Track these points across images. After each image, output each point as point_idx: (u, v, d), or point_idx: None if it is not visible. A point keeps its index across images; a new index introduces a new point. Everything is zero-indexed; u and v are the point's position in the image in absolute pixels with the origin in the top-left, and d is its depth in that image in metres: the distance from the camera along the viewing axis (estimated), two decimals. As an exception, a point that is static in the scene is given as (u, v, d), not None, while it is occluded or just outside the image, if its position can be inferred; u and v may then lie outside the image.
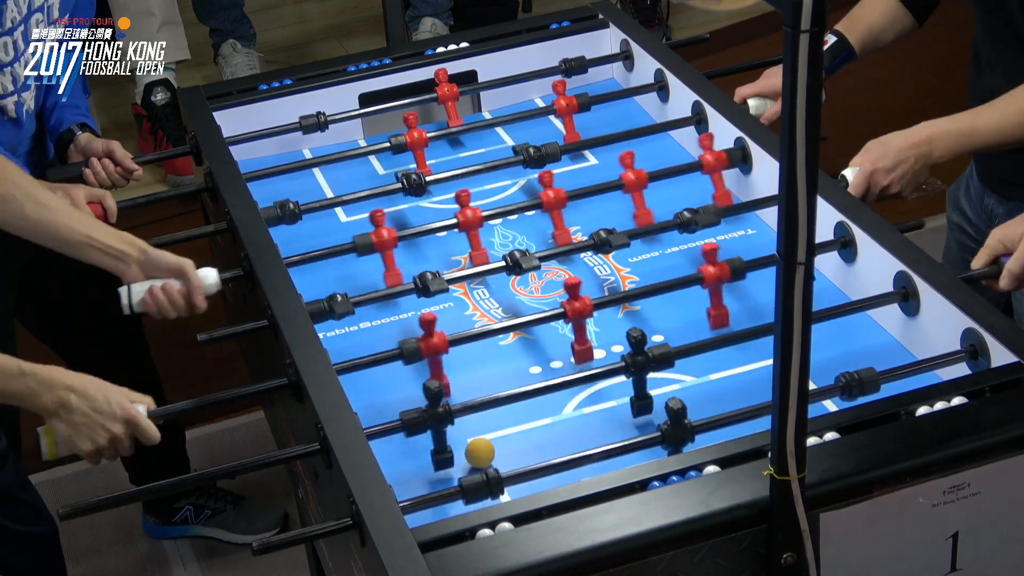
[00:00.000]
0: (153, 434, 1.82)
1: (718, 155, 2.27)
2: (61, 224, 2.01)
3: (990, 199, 2.35)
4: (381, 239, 2.12)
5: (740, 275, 1.98)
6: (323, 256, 2.15)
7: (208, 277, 2.03)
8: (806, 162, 1.25)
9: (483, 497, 1.62)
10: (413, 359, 1.86)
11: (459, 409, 1.75)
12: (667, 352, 1.80)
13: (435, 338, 1.86)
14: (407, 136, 2.45)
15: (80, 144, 2.45)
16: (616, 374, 1.83)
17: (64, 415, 1.79)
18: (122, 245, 2.00)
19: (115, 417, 1.79)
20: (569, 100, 2.52)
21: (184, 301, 2.01)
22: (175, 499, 3.15)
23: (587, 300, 1.92)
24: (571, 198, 2.22)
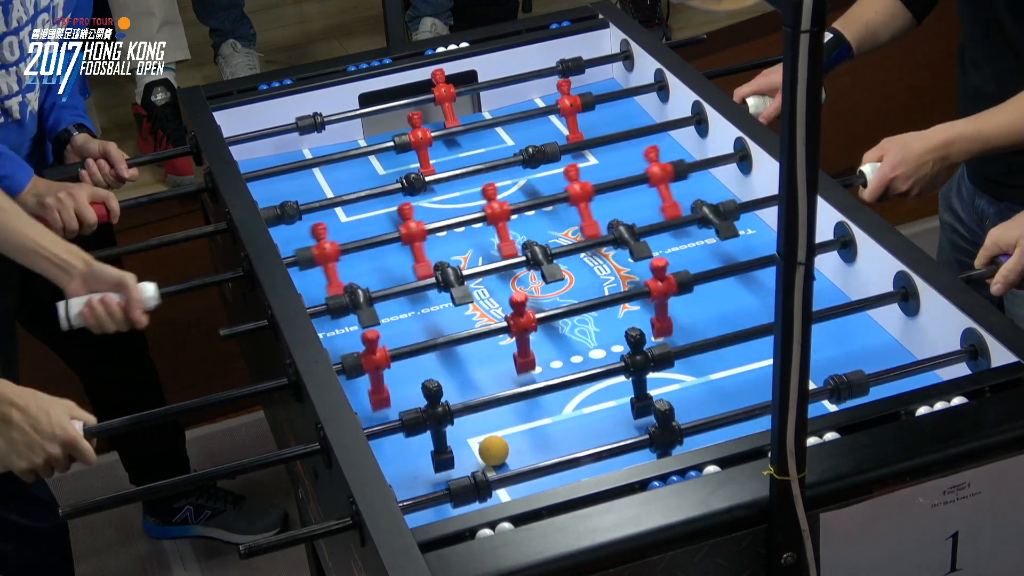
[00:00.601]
0: (90, 457, 1.78)
1: (664, 167, 2.26)
2: (12, 227, 2.01)
3: (981, 200, 2.35)
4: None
5: (687, 288, 1.96)
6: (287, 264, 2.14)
7: (147, 290, 2.01)
8: (806, 162, 1.25)
9: (471, 500, 1.61)
10: (354, 374, 1.85)
11: (459, 409, 1.75)
12: (667, 352, 1.80)
13: (377, 354, 1.84)
14: (411, 136, 2.45)
15: (76, 145, 2.45)
16: (616, 374, 1.83)
17: (3, 430, 1.76)
18: (68, 256, 2.00)
19: (54, 438, 1.75)
20: (573, 100, 2.52)
21: (123, 314, 1.99)
22: (175, 499, 3.15)
23: (531, 315, 1.90)
24: (599, 191, 2.22)
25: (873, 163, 2.15)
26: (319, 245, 2.11)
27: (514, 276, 2.18)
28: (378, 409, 1.86)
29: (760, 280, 2.10)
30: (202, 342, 3.27)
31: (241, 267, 2.11)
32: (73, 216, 2.26)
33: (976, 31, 2.24)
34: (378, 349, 1.83)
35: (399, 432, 1.74)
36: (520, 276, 2.18)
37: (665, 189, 2.25)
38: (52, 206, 2.25)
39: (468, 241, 2.28)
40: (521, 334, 1.90)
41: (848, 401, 1.72)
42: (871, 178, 2.14)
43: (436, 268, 2.04)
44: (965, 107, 2.30)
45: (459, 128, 2.58)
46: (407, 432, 1.73)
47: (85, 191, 2.31)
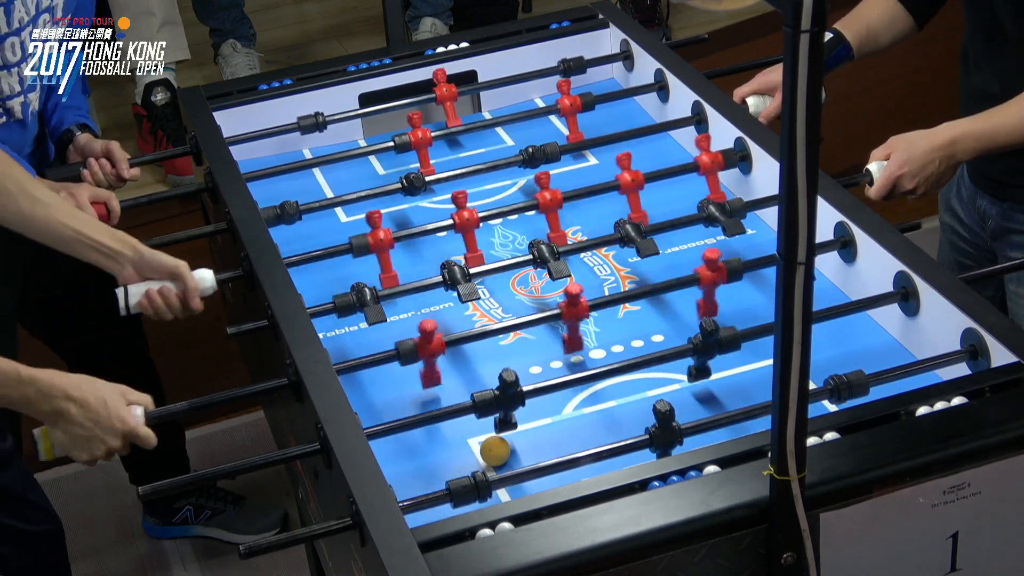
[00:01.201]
0: (151, 442, 1.81)
1: (714, 156, 2.27)
2: (55, 220, 2.00)
3: (982, 200, 2.35)
4: (378, 240, 2.11)
5: (737, 276, 1.98)
6: (323, 256, 2.15)
7: (204, 279, 2.03)
8: (806, 162, 1.25)
9: (471, 500, 1.61)
10: (409, 360, 1.86)
11: (458, 410, 1.75)
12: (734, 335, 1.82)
13: (433, 342, 1.85)
14: (411, 135, 2.45)
15: (79, 144, 2.45)
16: (615, 374, 1.83)
17: (63, 425, 1.78)
18: (115, 244, 1.99)
19: (115, 432, 1.78)
20: (573, 100, 2.52)
21: (180, 304, 2.01)
22: (175, 499, 3.15)
23: (584, 302, 1.91)
24: (567, 199, 2.22)
25: (880, 161, 2.15)
26: (374, 232, 2.11)
27: (514, 276, 2.18)
28: (429, 387, 1.88)
29: (760, 280, 2.10)
30: (202, 342, 3.28)
31: (241, 267, 2.11)
32: None
33: (978, 32, 2.25)
34: (435, 336, 1.84)
35: (400, 432, 1.74)
36: (520, 276, 2.18)
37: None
38: None
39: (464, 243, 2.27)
40: (573, 322, 1.92)
41: (848, 401, 1.72)
42: (877, 176, 2.14)
43: (442, 266, 2.04)
44: (966, 107, 2.30)
45: (460, 128, 2.58)
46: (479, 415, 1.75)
47: (86, 191, 2.31)
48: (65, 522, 2.69)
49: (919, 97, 4.12)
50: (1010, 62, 2.19)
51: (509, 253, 2.25)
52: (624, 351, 1.99)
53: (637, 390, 1.89)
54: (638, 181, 2.23)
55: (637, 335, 2.01)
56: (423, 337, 1.84)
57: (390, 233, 2.13)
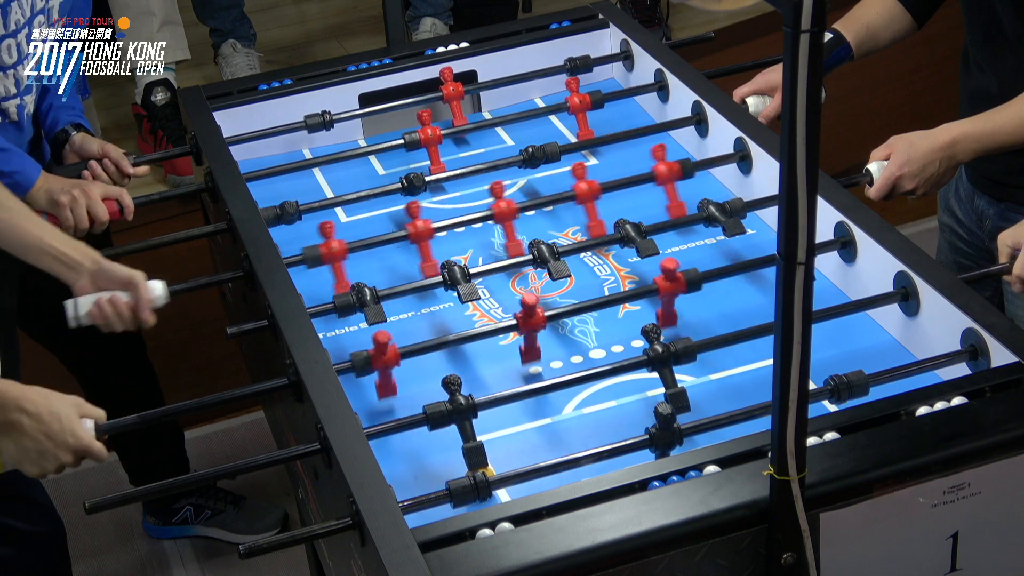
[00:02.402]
0: (102, 456, 1.78)
1: (671, 166, 2.26)
2: (17, 226, 2.00)
3: (980, 200, 2.35)
4: (331, 251, 2.10)
5: (696, 287, 1.96)
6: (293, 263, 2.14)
7: (155, 289, 2.00)
8: (806, 162, 1.25)
9: (471, 500, 1.61)
10: (364, 372, 1.84)
11: (459, 409, 1.75)
12: (689, 346, 1.80)
13: (388, 353, 1.84)
14: (421, 133, 2.45)
15: (75, 145, 2.44)
16: (615, 374, 1.83)
17: (15, 437, 1.74)
18: (76, 254, 1.99)
19: (67, 447, 1.74)
20: (583, 97, 2.52)
21: (131, 314, 1.99)
22: (175, 499, 3.15)
23: (541, 312, 1.90)
24: (605, 190, 2.22)
25: (880, 161, 2.15)
26: (327, 243, 2.11)
27: (515, 276, 2.18)
28: (384, 397, 1.87)
29: (761, 279, 2.10)
30: (202, 342, 3.29)
31: (241, 267, 2.11)
32: (85, 214, 2.25)
33: (977, 32, 2.25)
34: (388, 348, 1.83)
35: (399, 432, 1.74)
36: (520, 276, 2.18)
37: (672, 188, 2.25)
38: (65, 203, 2.25)
39: (469, 241, 2.28)
40: (530, 332, 1.91)
41: (848, 401, 1.72)
42: (877, 176, 2.14)
43: (443, 266, 2.04)
44: (966, 108, 2.30)
45: (468, 126, 2.58)
46: (431, 426, 1.73)
47: (98, 188, 2.31)
48: (66, 522, 2.69)
49: (919, 97, 4.12)
50: (1010, 62, 2.19)
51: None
52: (624, 351, 1.99)
53: (637, 390, 1.89)
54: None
55: (637, 335, 2.00)
56: (377, 348, 1.83)
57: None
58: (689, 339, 1.81)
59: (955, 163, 2.13)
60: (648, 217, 2.16)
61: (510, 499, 1.63)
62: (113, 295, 1.98)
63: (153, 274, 2.04)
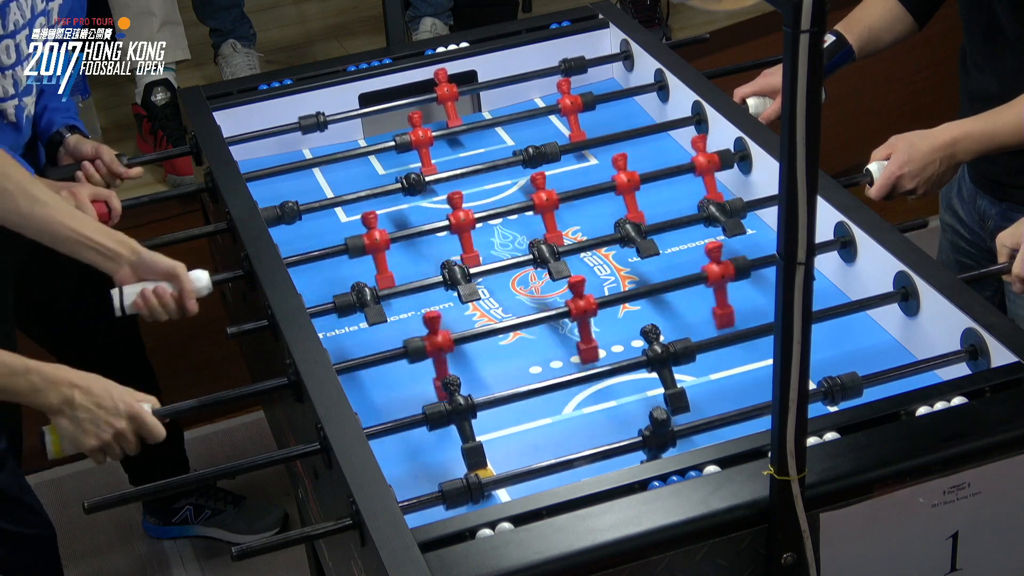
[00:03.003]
0: (158, 431, 1.82)
1: (711, 157, 2.27)
2: (53, 220, 2.00)
3: (982, 200, 2.35)
4: (374, 241, 2.11)
5: (745, 273, 1.98)
6: (323, 256, 2.15)
7: (200, 280, 2.02)
8: (806, 162, 1.25)
9: (464, 502, 1.61)
10: (417, 358, 1.86)
11: (459, 409, 1.75)
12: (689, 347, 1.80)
13: (439, 336, 1.86)
14: (412, 135, 2.45)
15: (69, 147, 2.44)
16: (615, 374, 1.83)
17: (69, 412, 1.79)
18: (114, 244, 1.99)
19: (119, 413, 1.79)
20: (574, 99, 2.52)
21: (175, 304, 2.01)
22: (175, 499, 3.15)
23: (591, 298, 1.91)
24: (565, 199, 2.22)
25: (880, 161, 2.15)
26: (370, 233, 2.11)
27: (515, 276, 2.18)
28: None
29: (761, 279, 2.10)
30: (202, 342, 3.28)
31: (241, 267, 2.11)
32: None
33: (976, 33, 2.25)
34: (440, 332, 1.84)
35: (399, 432, 1.74)
36: (520, 276, 2.18)
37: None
38: None
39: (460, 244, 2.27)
40: (582, 317, 1.92)
41: (841, 403, 1.72)
42: (878, 176, 2.14)
43: (443, 266, 2.04)
44: (966, 108, 2.30)
45: (461, 128, 2.58)
46: (431, 426, 1.73)
47: (86, 190, 2.31)
48: (65, 522, 2.69)
49: (919, 97, 4.12)
50: (1010, 62, 2.19)
51: (509, 253, 2.25)
52: (624, 351, 1.99)
53: (637, 390, 1.89)
54: (634, 182, 2.23)
55: (637, 335, 2.00)
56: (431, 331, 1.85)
57: (386, 234, 2.13)
58: (688, 339, 1.81)
59: (955, 163, 2.13)
60: (671, 212, 2.16)
61: (510, 499, 1.63)
62: (158, 286, 2.00)
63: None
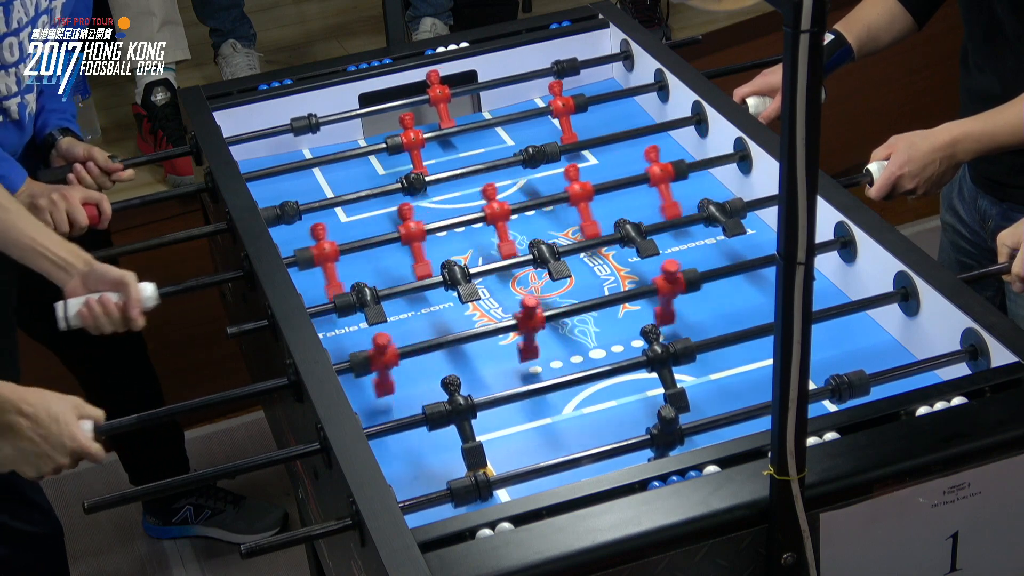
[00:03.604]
0: (99, 457, 1.77)
1: (665, 167, 2.25)
2: (14, 226, 2.00)
3: (983, 200, 2.35)
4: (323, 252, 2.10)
5: (695, 286, 1.96)
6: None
7: (145, 290, 2.00)
8: (806, 162, 1.25)
9: (472, 500, 1.61)
10: (362, 372, 1.84)
11: (459, 409, 1.75)
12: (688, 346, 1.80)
13: (387, 354, 1.84)
14: (403, 137, 2.45)
15: (61, 149, 2.43)
16: (615, 374, 1.83)
17: (11, 439, 1.73)
18: (68, 256, 1.99)
19: (64, 449, 1.74)
20: (566, 101, 2.52)
21: (120, 314, 1.98)
22: (175, 499, 3.15)
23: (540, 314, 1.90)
24: (599, 191, 2.22)
25: (880, 161, 2.15)
26: (318, 245, 2.11)
27: (514, 276, 2.18)
28: (383, 396, 1.86)
29: (761, 279, 2.10)
30: (202, 342, 3.28)
31: (241, 267, 2.11)
32: (64, 218, 2.25)
33: (976, 32, 2.25)
34: (388, 349, 1.83)
35: (399, 432, 1.74)
36: (520, 276, 2.18)
37: (666, 189, 2.25)
38: (44, 207, 2.25)
39: (468, 241, 2.28)
40: (529, 333, 1.91)
41: (849, 401, 1.72)
42: (878, 176, 2.14)
43: (443, 266, 2.04)
44: (967, 108, 2.30)
45: (454, 129, 2.57)
46: (431, 426, 1.73)
47: (78, 192, 2.30)
48: (65, 522, 2.69)
49: (919, 97, 4.12)
50: (1010, 62, 2.19)
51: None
52: (624, 351, 1.99)
53: (637, 390, 1.89)
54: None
55: (637, 335, 2.00)
56: (376, 349, 1.83)
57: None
58: (688, 340, 1.81)
59: (956, 163, 2.13)
60: (645, 217, 2.16)
61: (510, 499, 1.63)
62: (103, 296, 1.98)
63: (152, 274, 2.04)
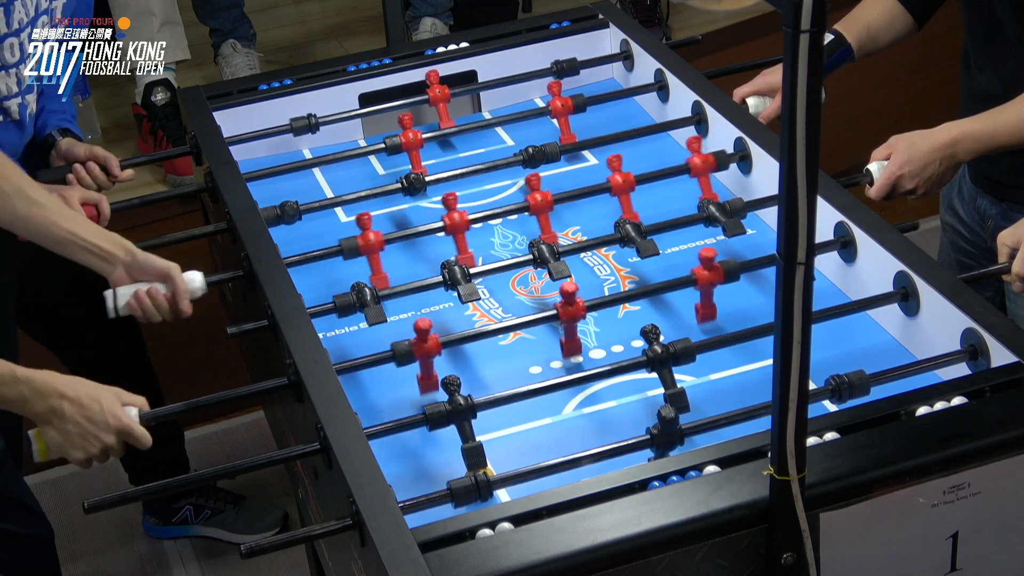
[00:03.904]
0: (146, 441, 1.80)
1: (706, 158, 2.26)
2: (49, 222, 2.00)
3: (983, 200, 2.35)
4: (368, 242, 2.11)
5: (734, 276, 1.98)
6: (323, 256, 2.15)
7: (194, 281, 2.03)
8: (806, 162, 1.25)
9: (473, 500, 1.61)
10: (405, 361, 1.85)
11: (459, 409, 1.75)
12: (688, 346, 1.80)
13: (428, 342, 1.85)
14: (402, 137, 2.45)
15: (61, 150, 2.43)
16: (615, 374, 1.83)
17: (57, 423, 1.78)
18: (109, 245, 2.00)
19: (108, 428, 1.77)
20: (565, 101, 2.52)
21: (169, 305, 2.01)
22: (175, 499, 3.15)
23: (581, 302, 1.91)
24: (558, 201, 2.22)
25: (880, 161, 2.15)
26: (364, 234, 2.11)
27: (515, 276, 2.18)
28: (426, 392, 1.87)
29: (761, 279, 2.10)
30: (202, 342, 3.28)
31: (241, 267, 2.11)
32: None
33: (977, 32, 2.25)
34: (429, 337, 1.84)
35: (399, 432, 1.74)
36: (520, 276, 2.18)
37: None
38: None
39: (469, 241, 2.27)
40: (570, 322, 1.92)
41: (849, 401, 1.72)
42: (877, 176, 2.14)
43: (443, 266, 2.04)
44: (967, 107, 2.30)
45: (454, 129, 2.57)
46: (431, 427, 1.73)
47: (77, 192, 2.30)
48: (65, 522, 2.69)
49: (919, 97, 4.12)
50: (1010, 62, 2.19)
51: (509, 253, 2.25)
52: (624, 351, 1.99)
53: (637, 390, 1.89)
54: (629, 183, 2.23)
55: (637, 335, 2.00)
56: (419, 336, 1.84)
57: (380, 235, 2.13)
58: (688, 339, 1.81)
59: (955, 163, 2.13)
60: (670, 212, 2.17)
61: (510, 499, 1.63)
62: (151, 287, 2.00)
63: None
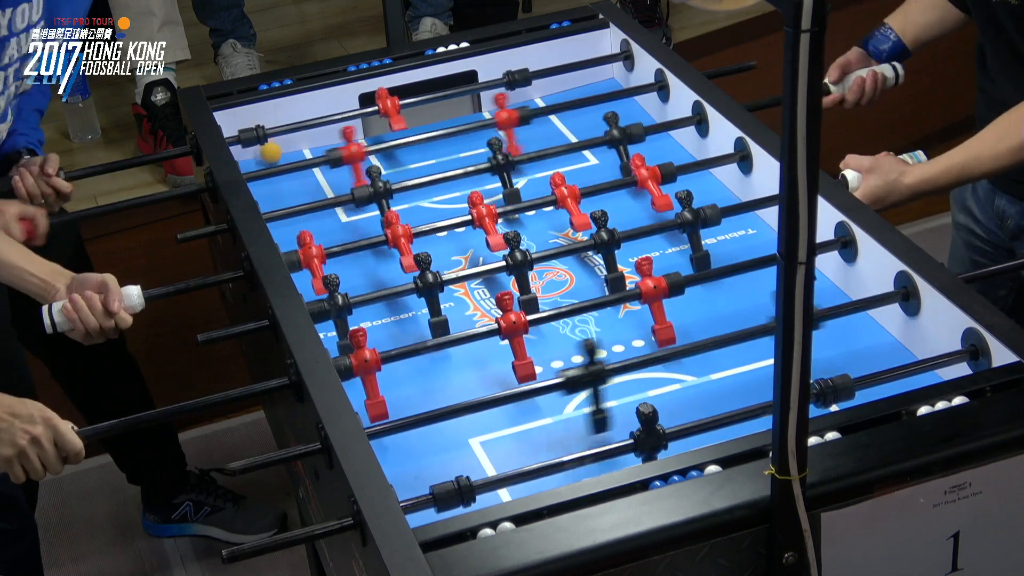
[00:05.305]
0: (76, 444, 1.77)
1: (651, 170, 2.26)
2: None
3: (1001, 199, 2.35)
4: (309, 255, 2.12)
5: (679, 290, 1.96)
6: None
7: (130, 295, 2.03)
8: (806, 162, 1.25)
9: (455, 505, 1.60)
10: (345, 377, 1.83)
11: (459, 409, 1.76)
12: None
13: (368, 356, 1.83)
14: (343, 151, 2.44)
15: (21, 164, 2.42)
16: (615, 374, 1.83)
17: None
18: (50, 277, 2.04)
19: (34, 420, 1.75)
20: (510, 113, 2.52)
21: (103, 307, 2.00)
22: (174, 495, 3.15)
23: (522, 315, 1.90)
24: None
25: (856, 173, 2.13)
26: (304, 249, 2.11)
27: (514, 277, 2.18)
28: (376, 421, 1.83)
29: (761, 280, 2.10)
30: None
31: (241, 267, 2.11)
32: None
33: (988, 36, 2.25)
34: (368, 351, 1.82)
35: (402, 431, 1.74)
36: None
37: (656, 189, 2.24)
38: None
39: (469, 241, 2.28)
40: (513, 334, 1.90)
41: (833, 405, 1.72)
42: (853, 183, 2.12)
43: (418, 266, 2.02)
44: (983, 113, 2.27)
45: (454, 129, 2.55)
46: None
47: (14, 208, 2.27)
48: (65, 522, 2.69)
49: (920, 97, 4.11)
50: (1021, 73, 2.18)
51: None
52: (624, 351, 1.99)
53: (637, 390, 1.89)
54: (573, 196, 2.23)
55: (637, 335, 2.01)
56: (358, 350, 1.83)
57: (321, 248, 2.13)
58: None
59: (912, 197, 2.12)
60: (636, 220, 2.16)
61: (511, 499, 1.63)
62: (85, 292, 2.00)
63: (153, 274, 2.04)
